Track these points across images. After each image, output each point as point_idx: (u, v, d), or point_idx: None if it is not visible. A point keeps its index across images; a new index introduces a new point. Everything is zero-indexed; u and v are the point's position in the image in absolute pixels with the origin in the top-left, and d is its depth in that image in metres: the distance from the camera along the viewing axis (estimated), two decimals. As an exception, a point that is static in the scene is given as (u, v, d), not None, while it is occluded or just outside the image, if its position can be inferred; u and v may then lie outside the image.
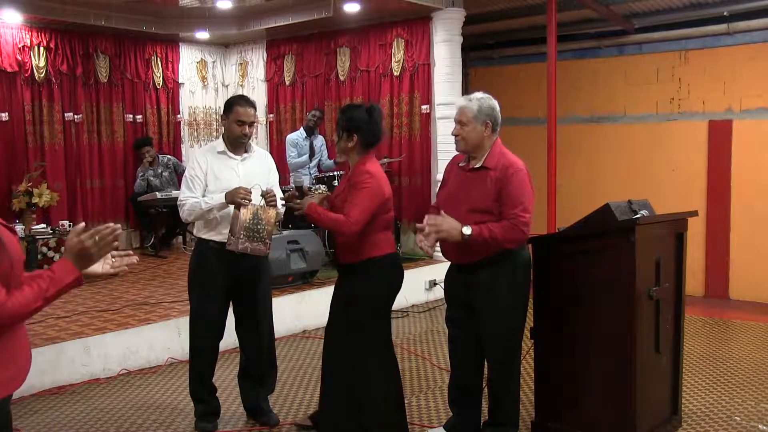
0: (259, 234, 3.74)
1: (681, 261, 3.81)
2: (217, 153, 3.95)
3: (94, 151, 8.61)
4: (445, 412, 4.16)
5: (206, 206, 3.82)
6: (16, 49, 7.83)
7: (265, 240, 3.77)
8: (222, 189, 3.82)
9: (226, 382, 4.66)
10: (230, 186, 3.80)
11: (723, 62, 7.36)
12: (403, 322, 6.46)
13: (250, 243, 3.74)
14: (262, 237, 3.75)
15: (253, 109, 3.92)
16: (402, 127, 8.00)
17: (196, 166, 3.91)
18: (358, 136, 3.45)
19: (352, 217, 3.33)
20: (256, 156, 4.04)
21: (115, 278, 6.31)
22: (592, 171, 8.23)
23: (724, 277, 7.45)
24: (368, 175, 3.40)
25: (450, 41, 7.47)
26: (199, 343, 4.00)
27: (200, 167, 3.91)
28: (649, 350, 3.54)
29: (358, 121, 3.46)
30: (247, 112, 3.87)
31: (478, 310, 3.48)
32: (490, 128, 3.45)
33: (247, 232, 3.72)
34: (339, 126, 3.50)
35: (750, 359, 5.22)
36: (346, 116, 3.50)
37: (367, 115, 3.50)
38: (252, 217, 3.73)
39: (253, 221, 3.73)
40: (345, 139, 3.48)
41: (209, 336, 4.00)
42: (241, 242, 3.73)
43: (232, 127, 3.88)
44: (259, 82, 9.52)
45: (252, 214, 3.73)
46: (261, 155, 4.11)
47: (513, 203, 3.30)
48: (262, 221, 3.75)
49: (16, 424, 4.08)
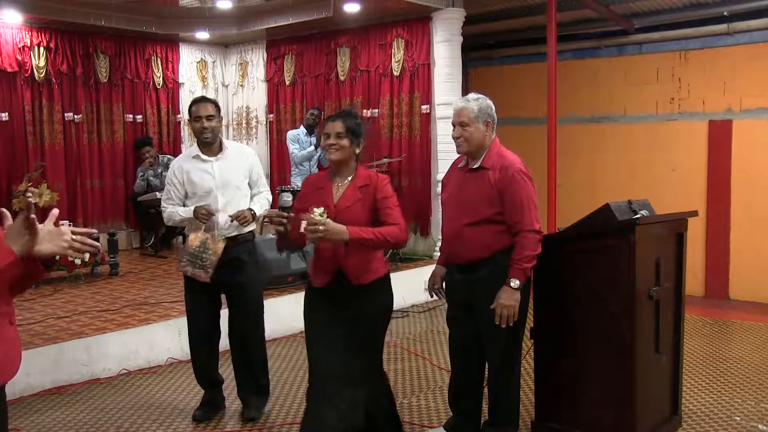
0: (202, 262, 3.90)
1: (681, 261, 3.81)
2: (191, 158, 4.07)
3: (94, 151, 8.62)
4: (445, 412, 4.16)
5: (179, 218, 4.03)
6: (16, 49, 7.83)
7: (207, 269, 3.89)
8: (200, 192, 3.98)
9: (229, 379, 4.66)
10: (207, 188, 3.97)
11: (723, 62, 7.36)
12: (403, 322, 6.46)
13: (192, 267, 3.92)
14: (204, 265, 3.90)
15: (210, 104, 4.02)
16: (402, 127, 8.00)
17: (171, 174, 4.07)
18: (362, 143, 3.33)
19: (403, 224, 3.23)
20: (232, 155, 4.07)
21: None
22: (592, 171, 8.23)
23: (724, 277, 7.45)
24: (389, 182, 3.32)
25: (450, 41, 7.46)
26: (192, 339, 4.18)
27: (176, 175, 4.06)
28: (649, 350, 3.54)
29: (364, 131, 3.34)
30: (200, 108, 3.99)
31: (478, 309, 3.48)
32: (490, 127, 3.48)
33: (190, 258, 3.91)
34: (350, 129, 3.26)
35: (750, 359, 5.22)
36: (358, 122, 3.33)
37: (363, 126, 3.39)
38: (200, 244, 3.90)
39: (200, 249, 3.90)
40: (355, 144, 3.28)
41: (197, 333, 4.16)
42: (182, 264, 3.95)
43: (194, 126, 4.01)
44: (259, 82, 9.52)
45: (200, 242, 3.90)
46: (238, 154, 4.12)
47: (517, 210, 3.35)
48: (209, 251, 3.90)
49: (16, 423, 4.08)
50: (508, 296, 3.33)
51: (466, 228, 3.43)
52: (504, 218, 3.39)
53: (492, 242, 3.40)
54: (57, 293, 6.39)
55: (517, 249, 3.35)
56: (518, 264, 3.34)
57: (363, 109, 8.30)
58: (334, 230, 2.99)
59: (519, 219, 3.35)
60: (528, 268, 3.36)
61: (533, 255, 3.36)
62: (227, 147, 4.08)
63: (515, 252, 3.35)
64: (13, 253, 1.93)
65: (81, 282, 6.86)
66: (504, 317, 3.34)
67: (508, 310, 3.33)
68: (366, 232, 3.08)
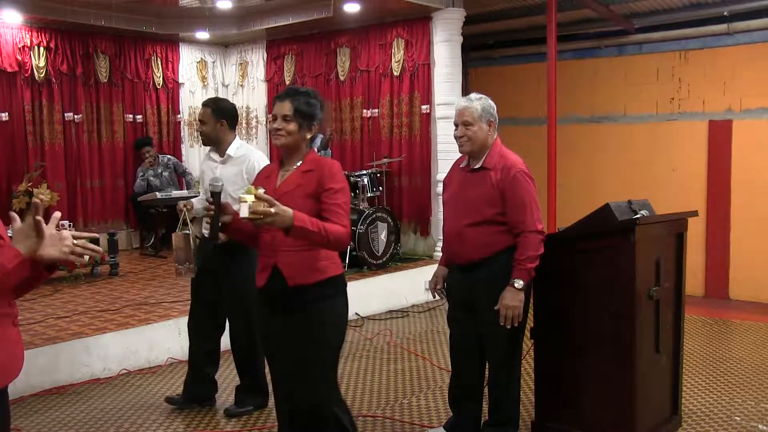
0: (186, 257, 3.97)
1: (681, 261, 3.81)
2: (209, 154, 4.26)
3: (94, 151, 8.62)
4: (445, 412, 4.16)
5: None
6: (16, 49, 7.83)
7: (188, 265, 3.95)
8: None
9: (227, 382, 4.66)
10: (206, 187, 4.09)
11: (723, 62, 7.36)
12: (403, 322, 6.46)
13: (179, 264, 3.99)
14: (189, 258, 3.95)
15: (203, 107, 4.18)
16: (402, 127, 8.00)
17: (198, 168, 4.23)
18: (316, 126, 2.93)
19: (349, 229, 2.78)
20: (236, 161, 4.12)
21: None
22: (592, 171, 8.23)
23: (724, 277, 7.45)
24: (336, 164, 2.89)
25: (450, 41, 7.46)
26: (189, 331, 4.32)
27: (200, 169, 4.32)
28: (649, 350, 3.54)
29: (318, 112, 2.91)
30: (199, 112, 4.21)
31: (478, 309, 3.49)
32: (493, 127, 3.49)
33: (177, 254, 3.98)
34: (300, 111, 2.84)
35: (750, 359, 5.22)
36: (313, 102, 2.89)
37: (320, 107, 2.94)
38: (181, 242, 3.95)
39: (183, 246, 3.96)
40: (306, 128, 2.87)
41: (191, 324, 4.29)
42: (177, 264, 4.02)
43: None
44: (259, 82, 9.52)
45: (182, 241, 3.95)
46: (241, 161, 4.12)
47: (519, 210, 3.35)
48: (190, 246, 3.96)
49: (16, 423, 4.08)
50: (513, 297, 3.33)
51: (468, 228, 3.43)
52: (505, 218, 3.39)
53: (493, 242, 3.41)
54: (57, 293, 6.40)
55: (521, 249, 3.35)
56: (522, 265, 3.34)
57: (363, 109, 8.31)
58: (282, 213, 2.52)
59: (522, 219, 3.35)
60: (532, 268, 3.36)
61: (536, 255, 3.36)
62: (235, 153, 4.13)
63: (518, 252, 3.35)
64: (21, 254, 1.94)
65: (81, 282, 6.86)
66: (509, 318, 3.33)
67: (512, 310, 3.33)
68: (312, 224, 2.61)
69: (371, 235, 7.07)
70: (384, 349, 5.59)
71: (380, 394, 4.60)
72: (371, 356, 5.41)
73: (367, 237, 7.02)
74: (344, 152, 8.51)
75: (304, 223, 2.58)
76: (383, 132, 8.14)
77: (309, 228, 2.59)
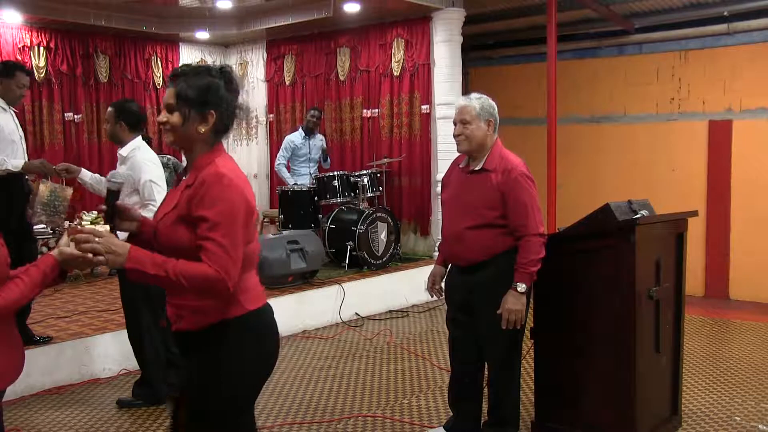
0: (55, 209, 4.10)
1: (681, 261, 3.81)
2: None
3: (94, 151, 8.60)
4: (445, 412, 4.16)
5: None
6: (16, 49, 7.83)
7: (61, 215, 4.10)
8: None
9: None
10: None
11: (723, 62, 7.35)
12: (403, 322, 6.46)
13: (46, 217, 4.10)
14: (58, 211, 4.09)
15: (109, 107, 4.29)
16: (402, 127, 8.00)
17: None
18: (216, 115, 2.21)
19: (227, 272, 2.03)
20: (126, 161, 4.20)
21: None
22: (593, 171, 8.23)
23: (724, 277, 7.45)
24: (227, 180, 2.10)
25: (450, 41, 7.47)
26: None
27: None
28: (649, 350, 3.54)
29: (217, 94, 2.19)
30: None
31: (478, 311, 3.48)
32: (492, 127, 3.46)
33: (43, 207, 4.08)
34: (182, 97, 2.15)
35: (750, 359, 5.22)
36: (200, 84, 2.17)
37: (226, 86, 2.22)
38: (49, 193, 4.06)
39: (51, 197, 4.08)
40: (197, 119, 2.17)
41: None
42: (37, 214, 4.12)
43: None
44: (259, 82, 9.52)
45: (49, 191, 4.06)
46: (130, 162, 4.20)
47: (521, 213, 3.34)
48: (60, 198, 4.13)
49: (16, 424, 4.08)
50: (515, 300, 3.32)
51: (468, 231, 3.42)
52: (506, 221, 3.38)
53: (493, 245, 3.40)
54: (57, 293, 6.39)
55: (522, 253, 3.34)
56: (524, 268, 3.33)
57: (363, 109, 8.32)
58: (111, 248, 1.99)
59: (523, 222, 3.34)
60: (534, 271, 3.35)
61: (538, 259, 3.35)
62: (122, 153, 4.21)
63: (520, 256, 3.35)
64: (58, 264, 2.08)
65: (81, 282, 6.86)
66: (511, 322, 3.33)
67: (515, 314, 3.32)
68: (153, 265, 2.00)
69: (371, 235, 7.07)
70: (384, 349, 5.59)
71: (380, 394, 4.60)
72: (371, 356, 5.41)
73: (367, 237, 7.02)
74: (344, 152, 8.52)
75: (140, 262, 2.00)
76: (383, 132, 8.15)
77: (146, 270, 1.99)
